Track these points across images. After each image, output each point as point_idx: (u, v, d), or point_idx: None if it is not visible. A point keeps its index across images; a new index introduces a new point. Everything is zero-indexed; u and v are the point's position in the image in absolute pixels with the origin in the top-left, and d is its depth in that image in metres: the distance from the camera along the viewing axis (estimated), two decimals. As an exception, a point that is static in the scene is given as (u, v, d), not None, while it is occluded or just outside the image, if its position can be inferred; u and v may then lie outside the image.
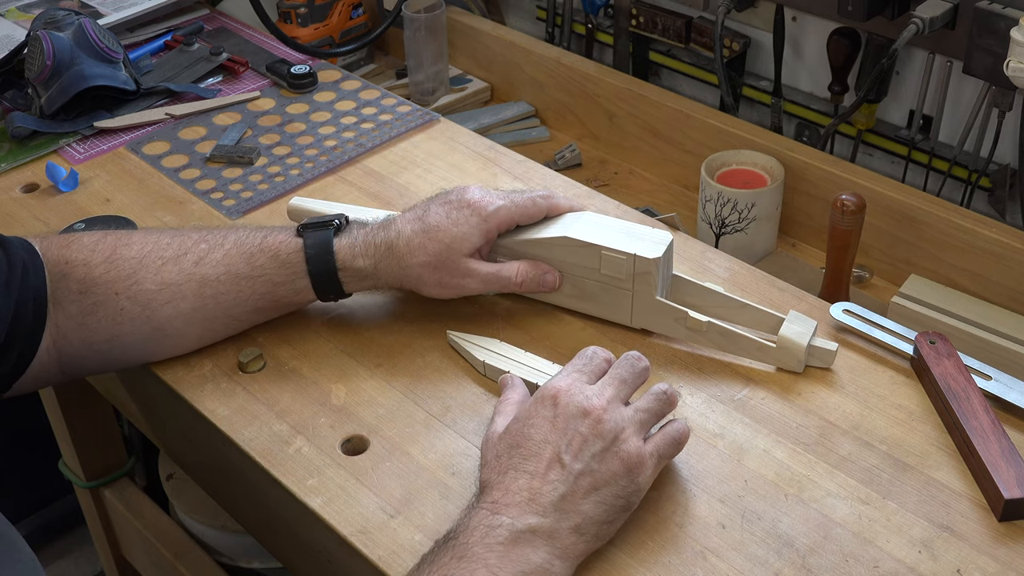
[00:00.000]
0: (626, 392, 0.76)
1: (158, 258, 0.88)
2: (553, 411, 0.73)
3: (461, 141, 1.21)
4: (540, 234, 0.91)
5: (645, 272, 0.87)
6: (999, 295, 1.06)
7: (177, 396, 0.89)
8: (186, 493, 1.60)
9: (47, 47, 1.18)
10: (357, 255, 0.88)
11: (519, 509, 0.69)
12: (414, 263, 0.88)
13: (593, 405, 0.73)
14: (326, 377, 0.89)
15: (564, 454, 0.71)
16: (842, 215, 1.02)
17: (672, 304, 0.88)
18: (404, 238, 0.88)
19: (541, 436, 0.72)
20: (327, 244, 0.88)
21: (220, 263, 0.88)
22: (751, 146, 1.21)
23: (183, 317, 0.88)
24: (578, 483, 0.71)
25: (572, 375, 0.76)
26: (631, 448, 0.72)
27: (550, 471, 0.71)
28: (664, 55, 1.45)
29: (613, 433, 0.72)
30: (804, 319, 0.87)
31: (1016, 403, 0.83)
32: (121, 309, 0.86)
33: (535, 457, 0.72)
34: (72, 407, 1.44)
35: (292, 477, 0.81)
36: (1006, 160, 1.17)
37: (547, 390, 0.75)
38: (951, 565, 0.72)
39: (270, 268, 0.88)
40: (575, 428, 0.72)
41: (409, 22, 1.43)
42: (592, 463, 0.71)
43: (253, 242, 0.89)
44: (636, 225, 0.90)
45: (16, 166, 1.18)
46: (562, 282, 0.92)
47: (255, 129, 1.23)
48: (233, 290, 0.88)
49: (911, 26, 1.10)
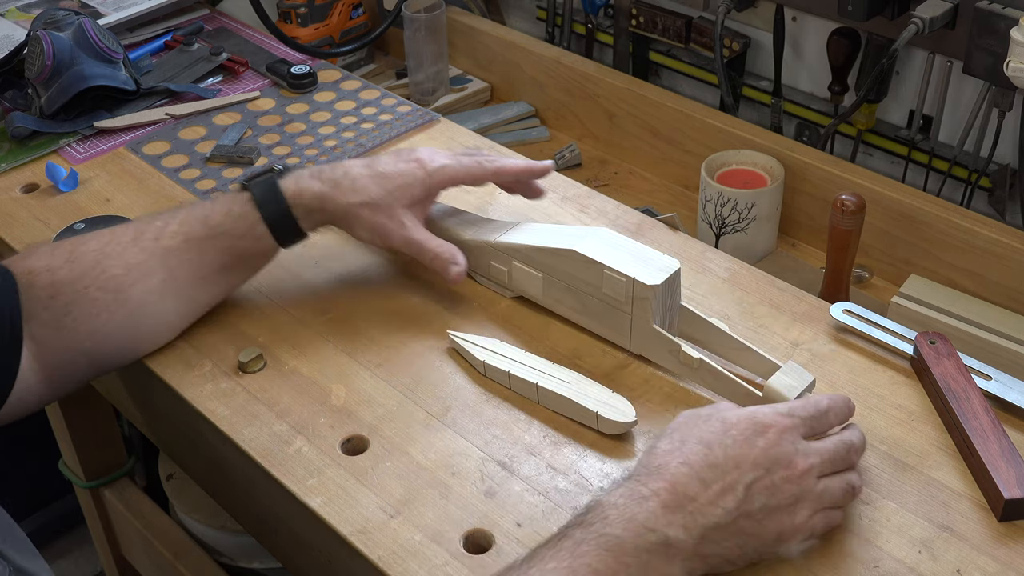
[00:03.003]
0: (828, 471, 0.73)
1: (117, 244, 0.89)
2: (763, 441, 0.70)
3: (461, 141, 1.21)
4: (549, 243, 0.91)
5: (643, 298, 0.85)
6: (999, 295, 1.06)
7: (177, 396, 0.89)
8: (186, 493, 1.60)
9: (47, 47, 1.18)
10: (304, 190, 0.91)
11: (674, 516, 0.67)
12: (356, 201, 0.91)
13: (797, 465, 0.70)
14: (326, 377, 0.89)
15: (744, 487, 0.69)
16: (842, 215, 1.02)
17: (667, 335, 0.86)
18: (351, 177, 0.91)
19: (736, 456, 0.69)
20: (274, 186, 0.91)
21: (178, 233, 0.90)
22: (751, 146, 1.21)
23: (155, 292, 0.89)
24: (737, 523, 0.68)
25: (796, 419, 0.73)
26: (796, 521, 0.70)
27: (724, 496, 0.68)
28: (664, 55, 1.45)
29: (795, 498, 0.70)
30: (801, 373, 0.83)
31: (1016, 403, 0.83)
32: (93, 300, 0.86)
33: (718, 471, 0.69)
34: (72, 407, 1.44)
35: (292, 477, 0.81)
36: (1006, 160, 1.17)
37: (768, 417, 0.72)
38: (951, 565, 0.72)
39: (227, 224, 0.91)
40: (770, 473, 0.69)
41: (409, 22, 1.43)
42: (760, 513, 0.69)
43: (204, 207, 0.92)
44: (648, 250, 0.88)
45: (16, 166, 1.18)
46: (568, 297, 0.91)
47: (255, 129, 1.23)
48: (196, 254, 0.90)
49: (911, 26, 1.10)
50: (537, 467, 0.81)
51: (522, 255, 0.93)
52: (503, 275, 0.95)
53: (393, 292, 0.98)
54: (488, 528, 0.76)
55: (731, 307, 0.95)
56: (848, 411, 0.77)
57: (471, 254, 0.96)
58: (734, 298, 0.96)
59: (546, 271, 0.92)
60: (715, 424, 0.72)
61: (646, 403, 0.86)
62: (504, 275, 0.95)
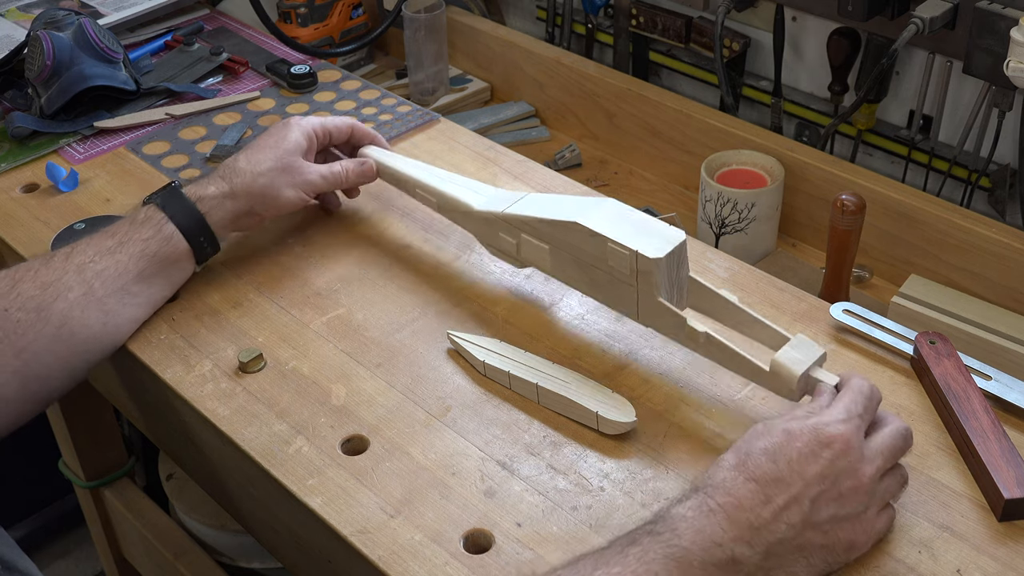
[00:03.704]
0: (889, 466, 0.73)
1: (28, 268, 0.90)
2: (828, 452, 0.69)
3: (461, 141, 1.21)
4: (553, 215, 0.89)
5: (647, 271, 0.83)
6: (999, 295, 1.06)
7: (177, 396, 0.89)
8: (186, 493, 1.60)
9: (47, 47, 1.18)
10: (204, 185, 0.97)
11: (741, 531, 0.67)
12: (263, 169, 0.98)
13: (864, 473, 0.70)
14: (326, 377, 0.89)
15: (810, 500, 0.68)
16: (842, 215, 1.02)
17: (673, 308, 0.84)
18: (243, 158, 0.99)
19: (800, 469, 0.69)
20: (174, 190, 0.96)
21: (88, 248, 0.92)
22: (751, 146, 1.21)
23: (78, 306, 0.89)
24: (803, 536, 0.68)
25: (855, 420, 0.72)
26: (866, 526, 0.70)
27: (788, 509, 0.67)
28: (664, 55, 1.45)
29: (863, 506, 0.70)
30: (809, 345, 0.80)
31: (1016, 403, 0.83)
32: (17, 321, 0.86)
33: (782, 485, 0.68)
34: (72, 407, 1.44)
35: (292, 477, 0.81)
36: (1006, 160, 1.17)
37: (831, 428, 0.70)
38: (951, 565, 0.72)
39: (133, 230, 0.93)
40: (836, 484, 0.69)
41: (409, 22, 1.43)
42: (827, 524, 0.68)
43: (109, 227, 0.94)
44: (653, 221, 0.86)
45: (16, 166, 1.18)
46: (575, 269, 0.90)
47: (255, 129, 1.23)
48: (111, 264, 0.91)
49: (911, 26, 1.10)
50: (537, 467, 0.81)
51: (529, 227, 0.91)
52: (512, 247, 0.94)
53: (393, 292, 0.98)
54: (488, 528, 0.76)
55: (731, 307, 0.95)
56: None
57: (480, 225, 0.96)
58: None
59: (553, 243, 0.90)
60: (778, 436, 0.71)
61: (646, 403, 0.86)
62: (513, 247, 0.94)
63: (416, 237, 1.06)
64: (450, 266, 1.01)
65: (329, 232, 1.06)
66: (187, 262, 0.96)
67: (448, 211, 1.00)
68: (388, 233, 1.07)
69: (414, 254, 1.03)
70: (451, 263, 1.02)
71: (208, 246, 0.96)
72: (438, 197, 1.00)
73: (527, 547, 0.74)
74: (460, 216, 0.99)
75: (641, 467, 0.80)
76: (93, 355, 0.92)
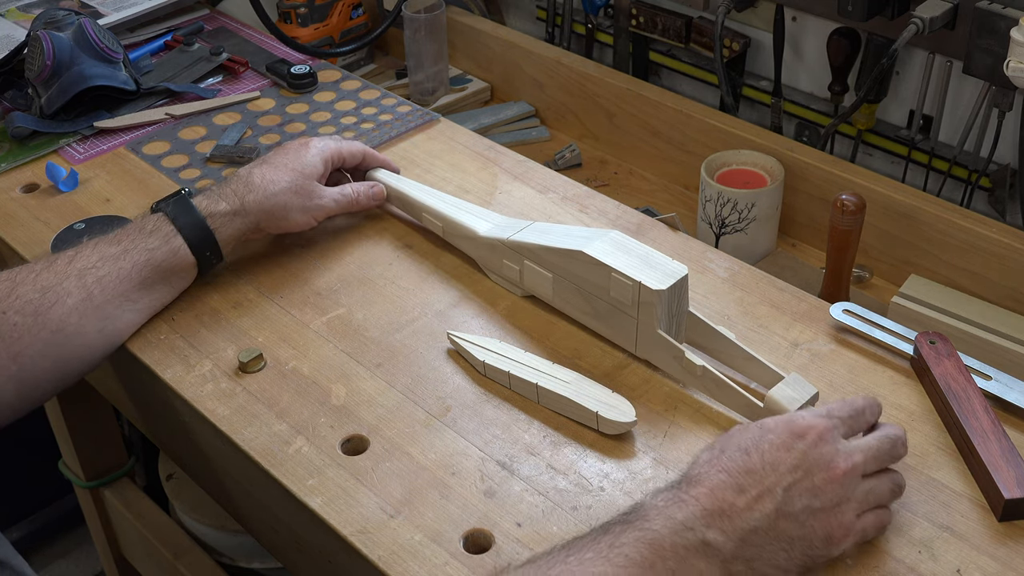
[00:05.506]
0: (872, 468, 0.73)
1: (30, 271, 0.90)
2: (801, 444, 0.70)
3: (461, 141, 1.21)
4: (558, 244, 0.91)
5: (648, 302, 0.85)
6: (999, 295, 1.05)
7: (177, 396, 0.89)
8: (186, 493, 1.60)
9: (47, 47, 1.18)
10: (217, 200, 0.96)
11: (713, 520, 0.67)
12: (278, 190, 0.97)
13: (837, 466, 0.70)
14: (326, 377, 0.89)
15: (783, 490, 0.69)
16: (842, 215, 1.02)
17: (671, 340, 0.86)
18: (258, 174, 0.98)
19: (772, 460, 0.70)
20: (186, 201, 0.95)
21: (92, 253, 0.91)
22: (751, 146, 1.21)
23: (76, 312, 0.89)
24: (777, 526, 0.68)
25: (835, 419, 0.73)
26: (844, 520, 0.70)
27: (761, 499, 0.68)
28: (664, 55, 1.45)
29: (838, 499, 0.70)
30: (804, 385, 0.82)
31: (1016, 403, 0.83)
32: (14, 325, 0.86)
33: (755, 476, 0.69)
34: (72, 407, 1.44)
35: (292, 477, 0.81)
36: (1006, 160, 1.17)
37: (805, 420, 0.72)
38: (951, 565, 0.72)
39: (140, 239, 0.93)
40: (810, 475, 0.70)
41: (409, 22, 1.43)
42: (802, 515, 0.69)
43: (117, 232, 0.93)
44: (657, 254, 0.88)
45: (16, 166, 1.18)
46: (576, 298, 0.91)
47: (255, 129, 1.23)
48: (113, 270, 0.90)
49: (911, 26, 1.10)
50: (537, 467, 0.81)
51: (534, 255, 0.93)
52: (515, 274, 0.95)
53: (393, 292, 0.98)
54: (488, 528, 0.76)
55: (731, 307, 0.95)
56: (879, 410, 0.77)
57: (485, 251, 0.97)
58: (734, 298, 0.96)
59: (556, 272, 0.92)
60: (753, 431, 0.72)
61: (646, 403, 0.86)
62: (516, 274, 0.95)
63: (416, 237, 1.06)
64: (450, 266, 1.02)
65: (329, 232, 1.06)
66: (190, 272, 0.96)
67: (453, 236, 1.02)
68: (388, 233, 1.07)
69: (414, 254, 1.03)
70: (451, 263, 1.02)
71: (214, 259, 0.96)
72: (444, 222, 1.02)
73: (527, 547, 0.74)
74: (465, 241, 1.00)
75: (641, 467, 0.80)
76: (88, 360, 0.92)
